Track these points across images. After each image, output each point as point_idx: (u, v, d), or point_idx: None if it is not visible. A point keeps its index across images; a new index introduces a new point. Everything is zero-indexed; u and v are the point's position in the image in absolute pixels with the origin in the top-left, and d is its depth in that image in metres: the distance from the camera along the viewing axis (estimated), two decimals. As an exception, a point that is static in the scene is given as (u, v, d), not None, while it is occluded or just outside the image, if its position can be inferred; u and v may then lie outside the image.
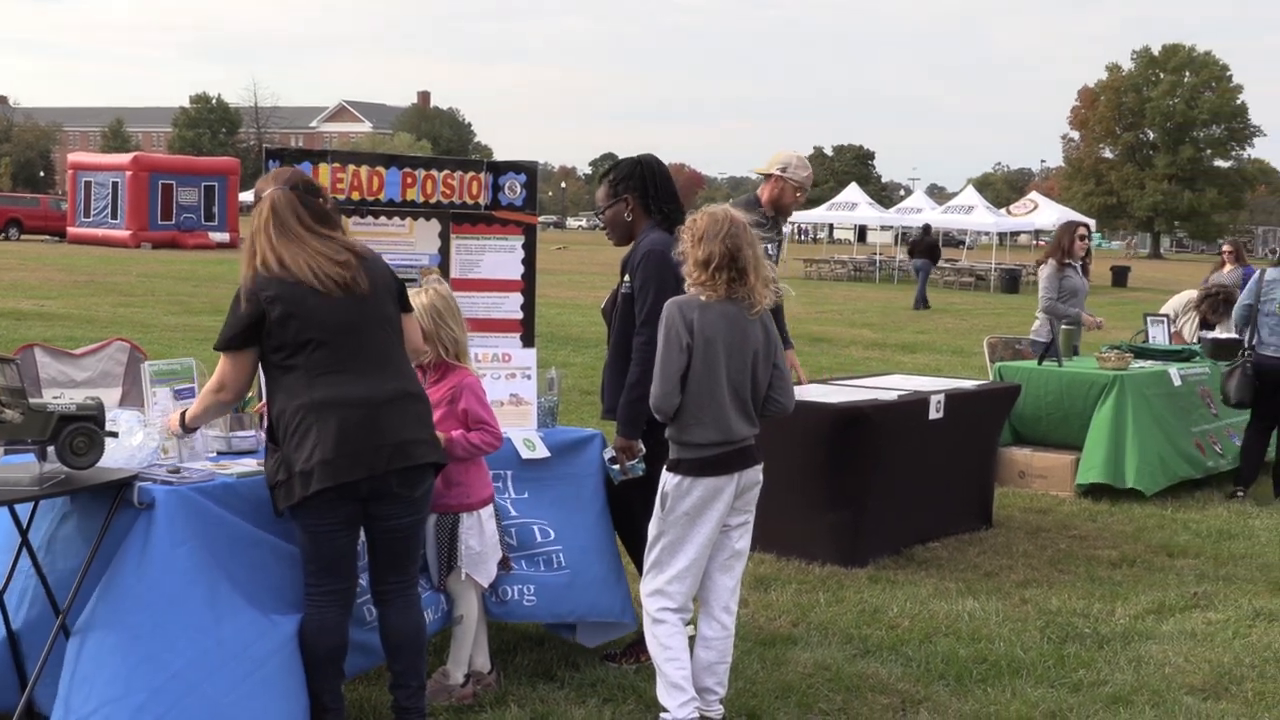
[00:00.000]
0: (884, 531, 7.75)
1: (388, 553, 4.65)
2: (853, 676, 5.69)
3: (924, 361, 19.01)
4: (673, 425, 4.86)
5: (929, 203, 53.02)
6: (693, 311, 4.79)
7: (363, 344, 4.50)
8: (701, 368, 4.79)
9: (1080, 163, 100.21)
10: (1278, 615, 6.88)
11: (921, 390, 8.31)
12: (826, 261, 50.05)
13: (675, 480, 4.86)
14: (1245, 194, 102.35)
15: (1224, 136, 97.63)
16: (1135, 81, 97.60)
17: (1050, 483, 9.80)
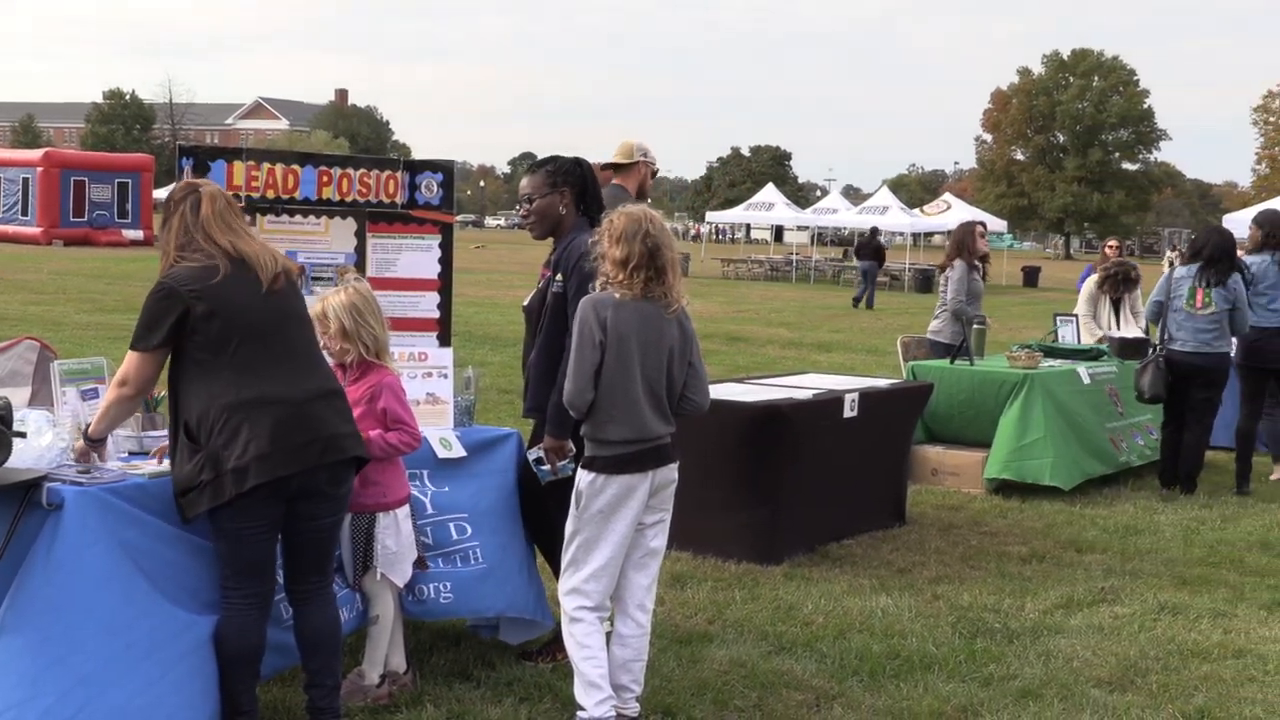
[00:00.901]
0: (799, 529, 7.82)
1: (308, 553, 4.64)
2: (768, 673, 5.74)
3: (839, 360, 19.17)
4: (587, 423, 4.87)
5: (845, 203, 53.51)
6: (606, 309, 4.81)
7: (286, 340, 4.50)
8: (615, 365, 4.81)
9: (993, 164, 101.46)
10: (1182, 609, 7.02)
11: (836, 389, 8.39)
12: (744, 261, 50.29)
13: (590, 478, 4.88)
14: (1152, 196, 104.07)
15: (1131, 140, 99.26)
16: (1046, 85, 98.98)
17: (962, 480, 9.92)
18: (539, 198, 5.78)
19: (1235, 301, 9.96)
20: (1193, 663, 6.15)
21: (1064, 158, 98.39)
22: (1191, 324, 10.03)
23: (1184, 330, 10.06)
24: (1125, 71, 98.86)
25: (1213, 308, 9.96)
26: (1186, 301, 10.05)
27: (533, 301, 5.89)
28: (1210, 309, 9.97)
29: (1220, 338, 10.03)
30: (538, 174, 5.85)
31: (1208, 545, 8.48)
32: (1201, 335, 10.01)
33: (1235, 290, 9.98)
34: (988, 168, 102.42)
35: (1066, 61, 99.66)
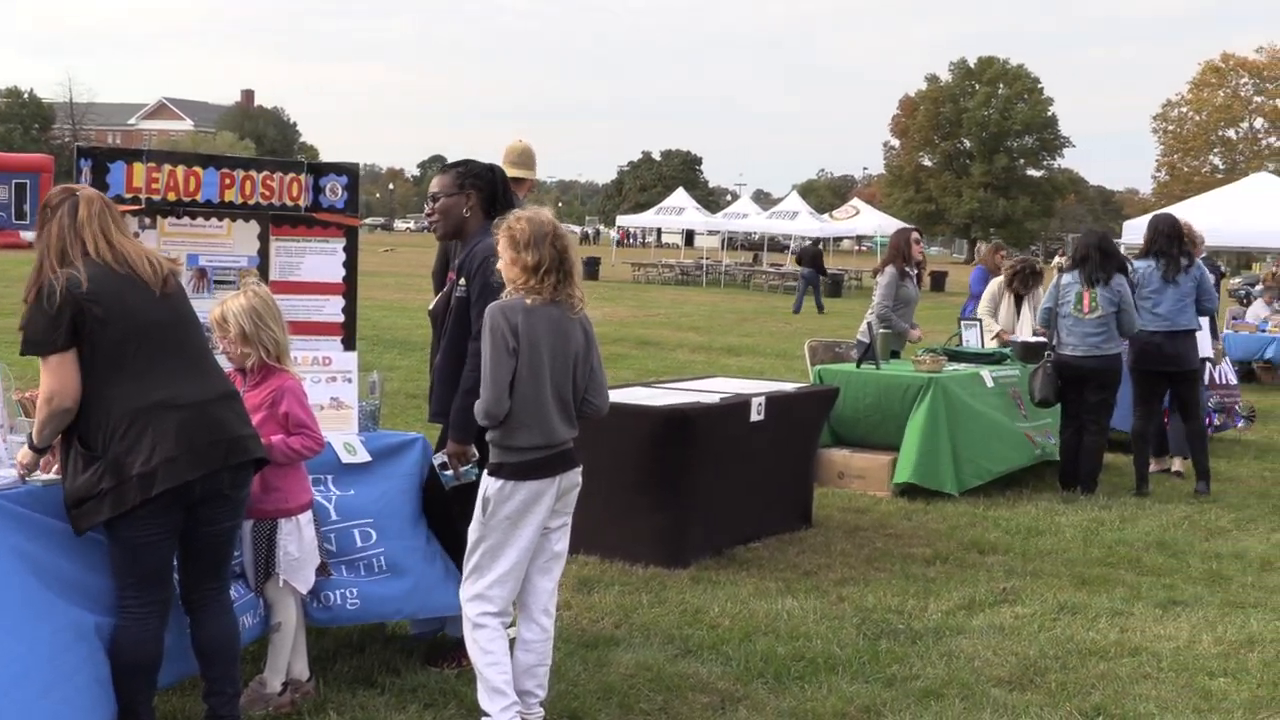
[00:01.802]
0: (706, 532, 7.85)
1: (206, 558, 4.59)
2: (674, 676, 5.76)
3: (749, 364, 19.26)
4: (497, 430, 4.86)
5: (755, 208, 53.92)
6: (517, 315, 4.79)
7: (182, 344, 4.46)
8: (527, 372, 4.80)
9: (901, 170, 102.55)
10: (1081, 608, 7.13)
11: (743, 393, 8.44)
12: (654, 265, 50.42)
13: (498, 485, 4.86)
14: (1056, 202, 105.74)
15: (1036, 147, 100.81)
16: (953, 92, 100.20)
17: (868, 483, 10.02)
18: (444, 197, 5.77)
19: (1120, 303, 10.19)
20: (1090, 661, 6.26)
21: (970, 164, 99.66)
22: (1080, 328, 10.26)
23: (1073, 335, 10.30)
24: (1030, 79, 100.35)
25: (1099, 311, 10.18)
26: (1074, 306, 10.28)
27: (438, 305, 5.88)
28: (1097, 312, 10.19)
29: (1109, 340, 10.25)
30: (447, 174, 5.84)
31: (1106, 546, 8.63)
32: (1090, 339, 10.23)
33: (1120, 292, 10.21)
34: (896, 173, 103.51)
35: (973, 69, 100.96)
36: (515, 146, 7.94)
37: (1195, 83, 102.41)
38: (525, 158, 7.96)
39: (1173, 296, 10.50)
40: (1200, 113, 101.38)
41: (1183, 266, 10.53)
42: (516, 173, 8.09)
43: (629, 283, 46.00)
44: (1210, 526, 9.37)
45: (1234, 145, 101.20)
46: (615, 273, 50.13)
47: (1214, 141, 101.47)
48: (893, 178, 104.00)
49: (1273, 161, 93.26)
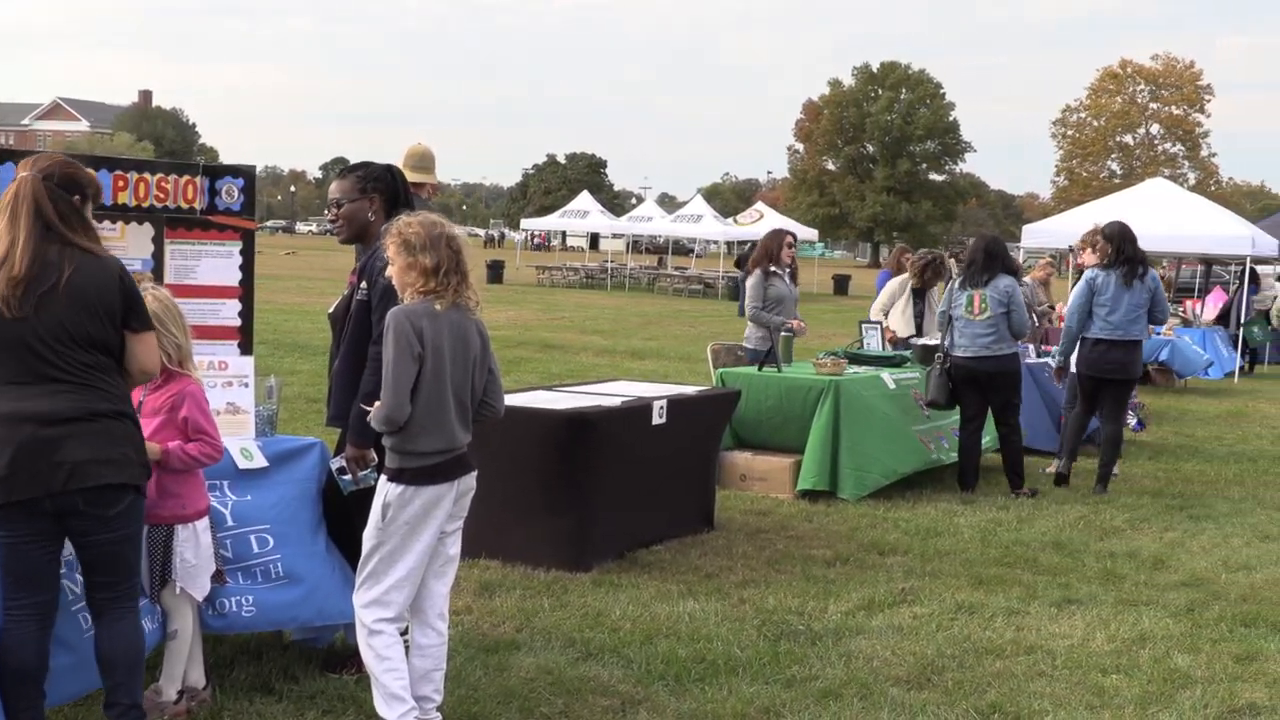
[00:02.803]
0: (608, 535, 7.86)
1: (92, 567, 4.51)
2: (574, 680, 5.75)
3: (652, 368, 19.31)
4: (396, 435, 4.82)
5: (660, 211, 53.99)
6: (422, 320, 4.76)
7: (46, 360, 4.31)
8: (431, 377, 4.77)
9: (805, 174, 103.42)
10: (978, 608, 7.23)
11: (645, 396, 8.46)
12: (559, 268, 50.38)
13: (398, 490, 4.82)
14: (958, 206, 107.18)
15: (938, 151, 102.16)
16: (856, 97, 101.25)
17: (770, 485, 10.08)
18: (348, 202, 5.73)
19: (1009, 304, 10.42)
20: (986, 660, 6.34)
21: (874, 168, 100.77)
22: (971, 329, 10.52)
23: (965, 336, 10.56)
24: (932, 85, 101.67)
25: (989, 312, 10.43)
26: (965, 309, 10.56)
27: (338, 309, 5.83)
28: (987, 314, 10.44)
29: (999, 341, 10.48)
30: (348, 179, 5.80)
31: (1004, 546, 8.75)
32: (981, 340, 10.49)
33: (1008, 293, 10.45)
34: (800, 177, 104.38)
35: (876, 74, 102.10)
36: (415, 150, 7.90)
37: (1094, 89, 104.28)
38: (426, 161, 7.93)
39: (1127, 305, 10.72)
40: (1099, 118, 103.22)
41: (1139, 275, 10.76)
42: (417, 176, 8.07)
43: (533, 286, 45.93)
44: (1105, 526, 9.53)
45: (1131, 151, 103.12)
46: (520, 276, 50.03)
47: (1112, 147, 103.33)
48: (797, 181, 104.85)
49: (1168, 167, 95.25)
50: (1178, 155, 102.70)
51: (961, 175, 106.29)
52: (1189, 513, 10.18)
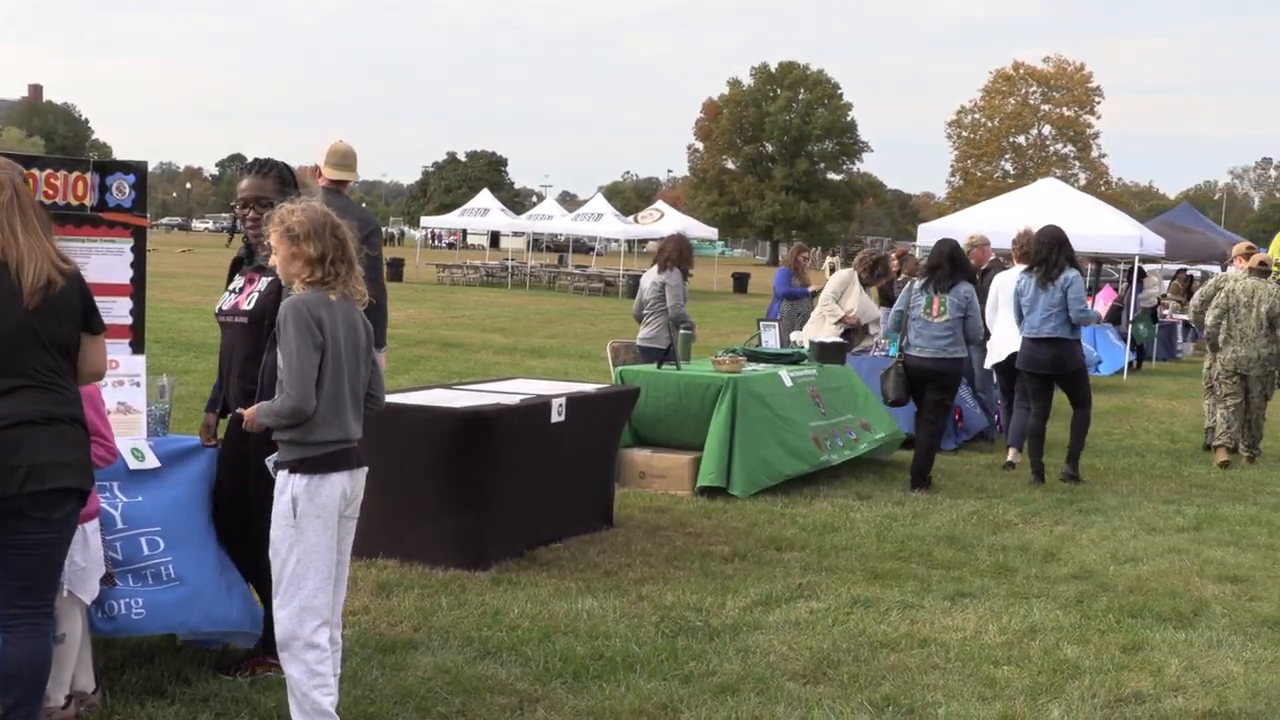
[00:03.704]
0: (507, 534, 7.85)
1: (18, 574, 4.38)
2: (472, 678, 5.74)
3: (553, 366, 19.31)
4: (298, 428, 4.75)
5: (560, 210, 53.93)
6: (320, 309, 4.71)
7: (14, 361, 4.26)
8: (330, 368, 4.72)
9: (704, 173, 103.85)
10: (873, 602, 7.31)
11: (544, 394, 8.46)
12: (459, 267, 50.18)
13: (304, 481, 4.71)
14: (855, 205, 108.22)
15: (836, 151, 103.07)
16: (755, 96, 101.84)
17: (669, 482, 10.12)
18: (271, 202, 5.62)
19: (967, 310, 10.77)
20: (881, 653, 6.42)
21: (773, 167, 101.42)
22: (928, 331, 10.79)
23: (921, 337, 10.84)
24: (830, 85, 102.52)
25: (947, 316, 10.74)
26: (924, 310, 10.83)
27: (258, 306, 5.63)
28: (944, 317, 10.75)
29: (954, 344, 10.79)
30: (268, 178, 5.70)
31: (899, 541, 8.86)
32: (937, 341, 10.76)
33: (967, 298, 10.80)
34: (700, 176, 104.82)
35: (774, 74, 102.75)
36: (338, 147, 7.81)
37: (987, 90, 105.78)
38: (348, 159, 7.85)
39: (1043, 304, 11.19)
40: (992, 119, 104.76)
41: (1053, 277, 11.17)
42: (338, 174, 7.99)
43: (433, 284, 45.71)
44: (997, 520, 9.69)
45: (1024, 151, 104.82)
46: (420, 274, 49.74)
47: (1005, 147, 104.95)
48: (697, 180, 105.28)
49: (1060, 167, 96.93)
50: (1069, 156, 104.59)
51: (859, 175, 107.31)
52: (1079, 507, 10.38)
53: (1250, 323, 13.14)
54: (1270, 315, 13.11)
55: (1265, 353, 13.15)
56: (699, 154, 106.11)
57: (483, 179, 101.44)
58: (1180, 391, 20.12)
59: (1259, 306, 13.14)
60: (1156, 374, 23.52)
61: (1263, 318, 13.12)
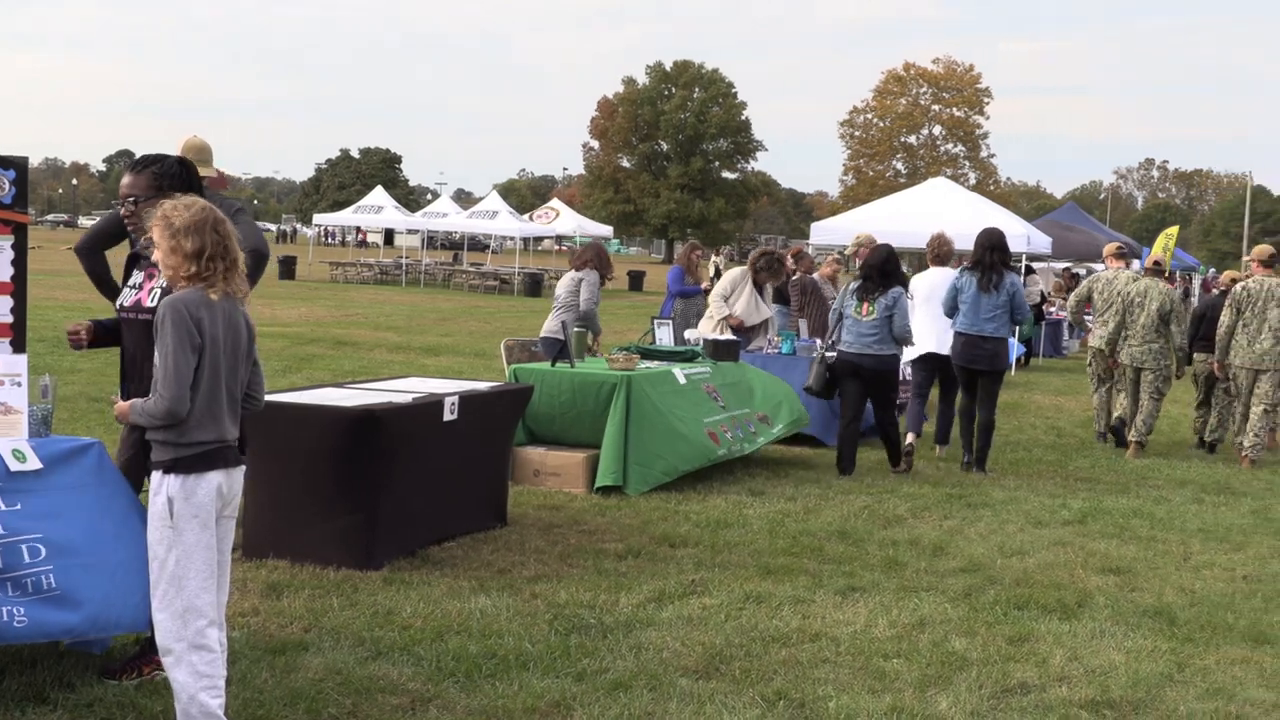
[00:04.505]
0: (399, 533, 7.80)
1: None
2: (363, 679, 5.70)
3: (447, 364, 19.22)
4: (172, 429, 4.68)
5: (455, 208, 53.69)
6: (200, 309, 4.64)
7: None
8: (208, 368, 4.66)
9: (600, 171, 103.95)
10: (766, 597, 7.37)
11: (437, 392, 8.41)
12: (353, 264, 49.77)
13: (179, 481, 4.65)
14: (750, 204, 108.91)
15: (730, 150, 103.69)
16: (650, 95, 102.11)
17: (564, 480, 10.12)
18: (144, 199, 5.56)
19: (894, 310, 11.45)
20: (773, 648, 6.47)
21: (668, 166, 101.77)
22: (857, 328, 11.56)
23: (851, 334, 11.63)
24: (724, 84, 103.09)
25: (874, 315, 11.46)
26: (855, 310, 11.60)
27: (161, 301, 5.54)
28: (873, 317, 11.47)
29: (881, 341, 11.49)
30: (142, 175, 5.63)
31: (791, 536, 8.93)
32: (865, 339, 11.50)
33: (896, 299, 11.49)
34: (595, 174, 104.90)
35: (669, 73, 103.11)
36: (192, 142, 7.68)
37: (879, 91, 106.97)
38: (203, 154, 7.73)
39: (987, 305, 12.02)
40: (884, 119, 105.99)
41: (994, 281, 12.03)
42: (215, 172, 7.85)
43: (326, 282, 45.28)
44: (888, 515, 9.81)
45: (915, 151, 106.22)
46: (313, 272, 49.25)
47: (897, 147, 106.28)
48: (592, 178, 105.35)
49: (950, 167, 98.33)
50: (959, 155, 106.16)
51: (753, 173, 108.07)
52: (967, 501, 10.54)
53: (1142, 320, 13.72)
54: (1162, 313, 13.67)
55: (1158, 349, 13.71)
56: (594, 152, 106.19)
57: (377, 176, 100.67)
58: (1066, 388, 20.52)
59: (1150, 305, 13.71)
60: (1043, 370, 23.96)
61: (1154, 315, 13.67)
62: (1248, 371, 13.54)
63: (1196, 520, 10.25)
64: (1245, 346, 13.53)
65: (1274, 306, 13.43)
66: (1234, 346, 13.63)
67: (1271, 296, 13.46)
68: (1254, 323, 13.49)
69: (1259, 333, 13.46)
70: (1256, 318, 13.48)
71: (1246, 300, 13.55)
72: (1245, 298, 13.57)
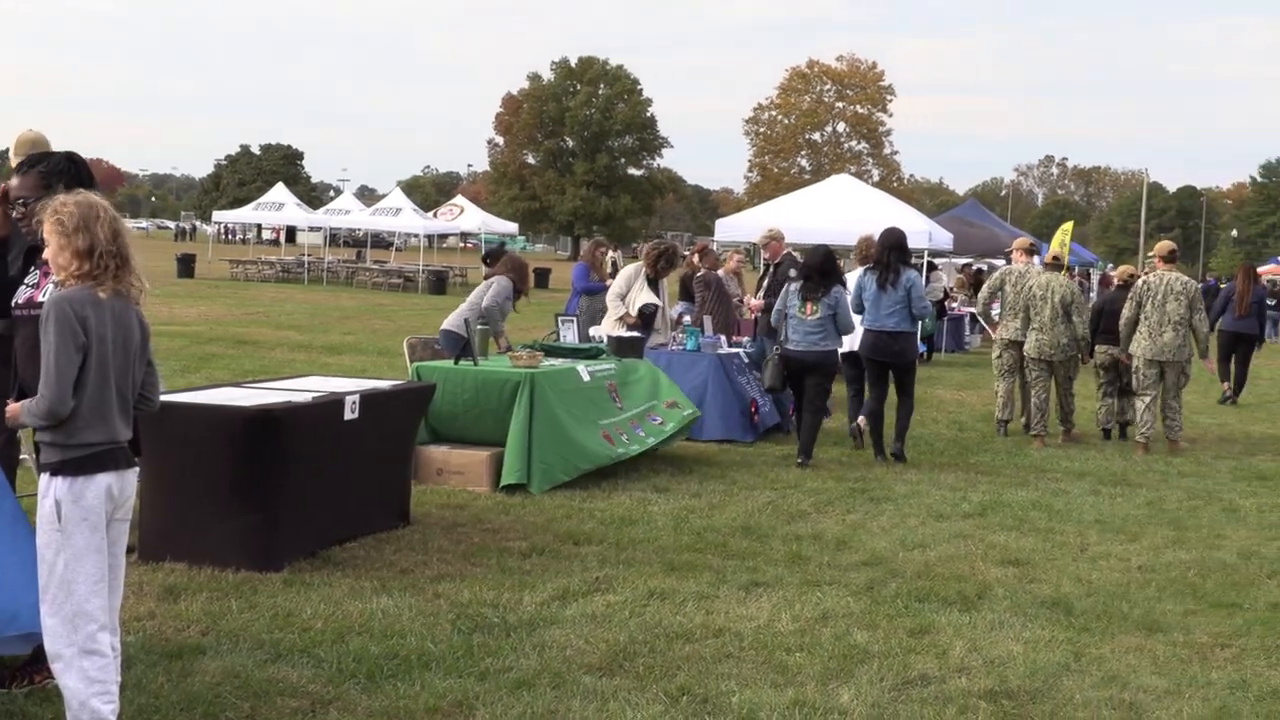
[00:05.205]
0: (300, 534, 7.71)
1: None
2: (262, 682, 5.63)
3: (350, 363, 19.06)
4: (58, 429, 4.58)
5: (358, 204, 53.26)
6: (86, 308, 4.55)
7: None
8: (94, 369, 4.56)
9: (505, 168, 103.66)
10: (670, 594, 7.37)
11: (337, 391, 8.33)
12: (254, 262, 49.16)
13: (66, 484, 4.55)
14: (656, 200, 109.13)
15: (636, 146, 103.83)
16: (555, 91, 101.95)
17: (467, 479, 10.06)
18: (34, 200, 5.44)
19: (836, 309, 12.09)
20: (677, 644, 6.48)
21: (573, 162, 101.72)
22: (802, 328, 12.11)
23: (797, 332, 12.15)
24: (629, 80, 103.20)
25: (818, 314, 12.07)
26: (798, 310, 12.13)
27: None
28: (817, 315, 12.07)
29: (825, 338, 12.13)
30: (29, 175, 5.52)
31: (695, 532, 8.95)
32: (810, 336, 12.09)
33: (837, 298, 12.13)
34: (500, 171, 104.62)
35: (574, 69, 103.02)
36: (25, 137, 7.39)
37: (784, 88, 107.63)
38: (38, 149, 7.53)
39: (886, 302, 12.50)
40: (789, 116, 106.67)
41: (889, 280, 12.50)
42: None
43: (227, 280, 44.72)
44: (791, 511, 9.86)
45: (820, 148, 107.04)
46: (212, 270, 48.61)
47: (801, 144, 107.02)
48: (498, 175, 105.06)
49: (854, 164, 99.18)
50: (863, 153, 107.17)
51: (659, 170, 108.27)
52: (870, 495, 10.63)
53: (1047, 313, 14.27)
54: (1064, 304, 14.25)
55: (1064, 339, 14.28)
56: (499, 149, 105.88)
57: (278, 173, 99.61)
58: (968, 382, 20.77)
59: (1053, 297, 14.26)
60: (945, 365, 24.21)
61: (1058, 307, 14.24)
62: (1149, 363, 13.94)
63: (1093, 512, 10.42)
64: (1147, 339, 13.92)
65: (1174, 300, 13.81)
66: (1136, 339, 14.05)
67: (1171, 291, 13.86)
68: (1155, 316, 13.89)
69: (1160, 326, 13.85)
70: (1157, 310, 13.87)
71: (1147, 294, 13.96)
72: (1146, 292, 13.98)
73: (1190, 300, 13.84)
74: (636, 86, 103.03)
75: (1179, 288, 13.89)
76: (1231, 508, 10.89)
